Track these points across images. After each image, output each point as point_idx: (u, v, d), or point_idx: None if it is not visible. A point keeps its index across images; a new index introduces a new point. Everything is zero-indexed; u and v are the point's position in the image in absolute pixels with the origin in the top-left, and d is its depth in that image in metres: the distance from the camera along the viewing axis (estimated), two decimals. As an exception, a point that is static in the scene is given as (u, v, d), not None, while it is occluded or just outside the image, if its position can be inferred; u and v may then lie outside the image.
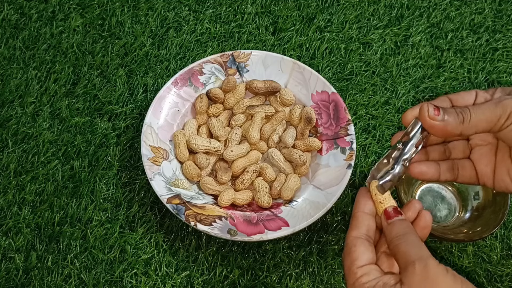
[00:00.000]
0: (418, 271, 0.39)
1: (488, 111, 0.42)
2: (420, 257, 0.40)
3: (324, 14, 0.84)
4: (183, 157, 0.69)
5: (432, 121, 0.43)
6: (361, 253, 0.43)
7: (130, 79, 0.77)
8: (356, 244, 0.43)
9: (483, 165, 0.47)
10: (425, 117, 0.43)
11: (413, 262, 0.40)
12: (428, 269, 0.39)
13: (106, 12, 0.82)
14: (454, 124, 0.43)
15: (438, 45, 0.82)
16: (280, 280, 0.65)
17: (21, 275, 0.63)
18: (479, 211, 0.66)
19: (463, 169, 0.48)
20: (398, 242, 0.42)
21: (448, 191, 0.70)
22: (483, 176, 0.47)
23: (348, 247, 0.43)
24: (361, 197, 0.46)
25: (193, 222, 0.63)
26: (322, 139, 0.71)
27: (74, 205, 0.67)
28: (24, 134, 0.72)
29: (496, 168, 0.46)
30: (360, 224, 0.44)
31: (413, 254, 0.40)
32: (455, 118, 0.43)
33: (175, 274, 0.64)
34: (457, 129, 0.43)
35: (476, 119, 0.43)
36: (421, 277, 0.39)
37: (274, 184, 0.68)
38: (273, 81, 0.73)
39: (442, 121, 0.43)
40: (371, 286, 0.40)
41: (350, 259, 0.43)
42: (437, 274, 0.39)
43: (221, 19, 0.83)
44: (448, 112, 0.43)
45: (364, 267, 0.42)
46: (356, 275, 0.42)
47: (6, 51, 0.78)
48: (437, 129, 0.43)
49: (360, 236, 0.44)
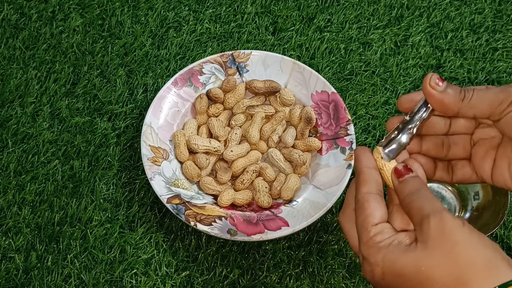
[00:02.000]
0: (433, 225, 0.37)
1: (491, 94, 0.41)
2: (434, 210, 0.38)
3: (324, 14, 0.84)
4: (183, 157, 0.69)
5: (431, 90, 0.42)
6: (374, 209, 0.41)
7: (130, 79, 0.77)
8: (369, 199, 0.41)
9: (479, 157, 0.45)
10: (426, 84, 0.42)
11: (428, 216, 0.38)
12: (443, 223, 0.37)
13: (106, 12, 0.82)
14: (453, 99, 0.41)
15: (438, 45, 0.82)
16: (280, 280, 0.65)
17: (21, 275, 0.63)
18: (479, 211, 0.66)
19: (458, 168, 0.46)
20: (412, 199, 0.40)
21: (448, 191, 0.70)
22: (481, 171, 0.45)
23: (360, 203, 0.41)
24: (361, 153, 0.44)
25: (193, 222, 0.63)
26: (322, 139, 0.71)
27: (74, 205, 0.67)
28: (24, 134, 0.72)
29: (496, 162, 0.44)
30: (369, 179, 0.42)
31: (427, 208, 0.39)
32: (455, 93, 0.41)
33: (175, 274, 0.64)
34: (455, 105, 0.42)
35: (478, 99, 0.41)
36: (437, 231, 0.37)
37: (274, 184, 0.68)
38: (273, 81, 0.73)
39: (442, 92, 0.41)
40: (385, 245, 0.39)
41: (364, 216, 0.41)
42: (453, 227, 0.37)
43: (221, 19, 0.83)
44: (451, 87, 0.42)
45: (378, 226, 0.40)
46: (370, 234, 0.40)
47: (6, 51, 0.78)
48: (435, 99, 0.42)
49: (372, 192, 0.42)
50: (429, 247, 0.37)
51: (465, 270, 0.36)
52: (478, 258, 0.36)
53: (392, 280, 0.39)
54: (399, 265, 0.38)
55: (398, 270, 0.38)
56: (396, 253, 0.39)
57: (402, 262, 0.38)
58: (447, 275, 0.36)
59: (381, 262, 0.39)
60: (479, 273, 0.36)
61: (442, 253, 0.37)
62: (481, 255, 0.37)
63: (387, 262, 0.39)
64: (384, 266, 0.39)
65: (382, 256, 0.39)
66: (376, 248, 0.39)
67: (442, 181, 0.60)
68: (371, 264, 0.40)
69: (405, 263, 0.38)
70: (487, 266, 0.36)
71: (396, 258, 0.39)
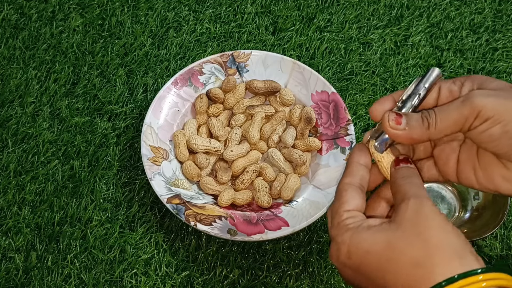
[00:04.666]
0: (411, 207, 0.38)
1: (454, 113, 0.40)
2: (417, 195, 0.39)
3: (324, 14, 0.84)
4: (183, 157, 0.69)
5: (395, 131, 0.41)
6: (351, 198, 0.41)
7: (130, 79, 0.77)
8: (348, 189, 0.42)
9: (443, 161, 0.44)
10: (387, 127, 0.41)
11: (409, 198, 0.39)
12: (421, 207, 0.38)
13: (106, 12, 0.82)
14: (420, 131, 0.41)
15: (438, 45, 0.82)
16: (280, 280, 0.65)
17: (21, 275, 0.63)
18: (479, 211, 0.67)
19: (421, 171, 0.45)
20: (402, 182, 0.41)
21: (448, 191, 0.70)
22: (445, 173, 0.45)
23: (339, 192, 0.42)
24: (357, 149, 0.44)
25: (193, 222, 0.63)
26: (322, 139, 0.71)
27: (74, 205, 0.67)
28: (24, 134, 0.72)
29: (460, 165, 0.44)
30: (354, 173, 0.43)
31: (411, 192, 0.39)
32: (420, 125, 0.41)
33: (175, 274, 0.64)
34: (424, 135, 0.41)
35: (443, 123, 0.40)
36: (413, 213, 0.38)
37: (274, 184, 0.68)
38: (273, 81, 0.73)
39: (406, 130, 0.41)
40: (354, 226, 0.40)
41: (339, 202, 0.41)
42: (430, 213, 0.38)
43: (221, 19, 0.83)
44: (412, 118, 0.41)
45: (351, 211, 0.41)
46: (342, 217, 0.41)
47: (6, 51, 0.78)
48: (402, 138, 0.41)
49: (353, 183, 0.42)
50: (402, 227, 0.38)
51: (433, 252, 0.37)
52: (447, 245, 0.37)
53: (358, 258, 0.39)
54: (367, 243, 0.39)
55: (366, 247, 0.39)
56: (364, 233, 0.39)
57: (370, 240, 0.39)
58: (415, 254, 0.37)
59: (347, 241, 0.39)
60: (446, 258, 0.36)
61: (414, 233, 0.37)
62: (451, 243, 0.37)
63: (354, 240, 0.39)
64: (351, 244, 0.39)
65: (350, 235, 0.39)
66: (345, 229, 0.40)
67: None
68: (337, 243, 0.40)
69: (374, 241, 0.38)
70: (455, 254, 0.36)
71: (364, 237, 0.39)
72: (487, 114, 0.39)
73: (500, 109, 0.39)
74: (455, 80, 0.43)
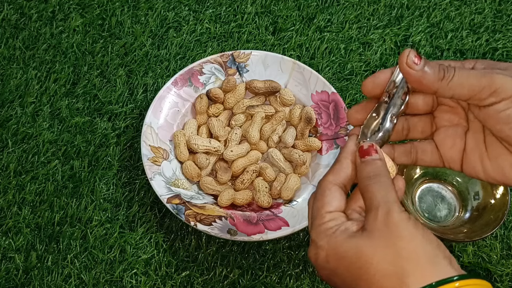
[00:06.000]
0: (380, 217, 0.38)
1: (473, 78, 0.39)
2: (385, 201, 0.39)
3: (324, 14, 0.84)
4: (183, 157, 0.69)
5: (409, 69, 0.40)
6: (333, 199, 0.41)
7: (130, 79, 0.77)
8: (331, 189, 0.42)
9: (447, 147, 0.43)
10: (403, 62, 0.40)
11: (377, 208, 0.39)
12: (390, 216, 0.38)
13: (106, 12, 0.82)
14: (432, 79, 0.40)
15: (438, 45, 0.82)
16: (280, 280, 0.65)
17: (21, 275, 0.63)
18: (479, 211, 0.66)
19: (423, 153, 0.44)
20: (368, 183, 0.40)
21: (448, 191, 0.70)
22: (449, 160, 0.44)
23: (322, 190, 0.42)
24: (349, 144, 0.44)
25: (193, 222, 0.63)
26: (322, 139, 0.71)
27: (74, 205, 0.67)
28: (24, 134, 0.72)
29: (467, 153, 0.43)
30: (341, 171, 0.43)
31: (379, 197, 0.39)
32: (434, 72, 0.39)
33: (175, 274, 0.64)
34: (434, 85, 0.40)
35: (458, 81, 0.39)
36: (382, 223, 0.38)
37: (274, 184, 0.68)
38: (273, 81, 0.73)
39: (420, 71, 0.40)
40: (333, 230, 0.40)
41: (322, 202, 0.42)
42: (399, 221, 0.38)
43: (221, 19, 0.83)
44: (430, 65, 0.40)
45: (333, 213, 0.41)
46: (324, 219, 0.41)
47: (6, 51, 0.78)
48: (412, 78, 0.40)
49: (336, 183, 0.42)
50: (373, 236, 0.38)
51: (406, 262, 0.36)
52: (420, 253, 0.37)
53: (335, 263, 0.39)
54: (342, 249, 0.39)
55: (341, 253, 0.39)
56: (340, 238, 0.39)
57: (345, 246, 0.39)
58: (387, 264, 0.37)
59: (326, 246, 0.40)
60: (419, 267, 0.36)
61: (386, 244, 0.37)
62: (424, 251, 0.37)
63: (331, 245, 0.39)
64: (329, 249, 0.40)
65: (327, 240, 0.40)
66: (324, 234, 0.40)
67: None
68: (317, 247, 0.40)
69: (348, 247, 0.39)
70: (428, 262, 0.36)
71: (340, 243, 0.39)
72: (505, 93, 0.38)
73: None
74: (464, 62, 0.42)
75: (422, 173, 0.70)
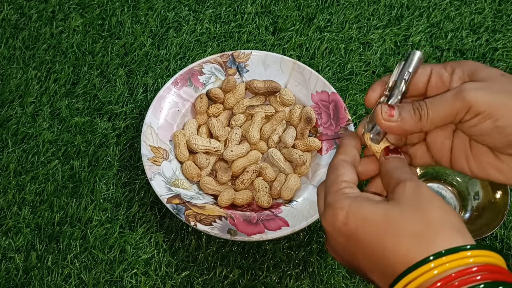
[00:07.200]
0: (408, 188, 0.39)
1: (446, 106, 0.40)
2: (412, 178, 0.40)
3: (324, 14, 0.84)
4: (183, 157, 0.69)
5: (388, 123, 0.42)
6: (347, 171, 0.42)
7: (130, 79, 0.77)
8: (344, 165, 0.43)
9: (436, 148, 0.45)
10: (380, 119, 0.42)
11: (405, 181, 0.39)
12: (419, 187, 0.39)
13: (106, 12, 0.82)
14: (412, 123, 0.41)
15: (438, 45, 0.82)
16: (280, 280, 0.65)
17: (21, 275, 0.63)
18: (479, 211, 0.66)
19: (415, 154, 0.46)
20: (393, 171, 0.41)
21: (448, 191, 0.70)
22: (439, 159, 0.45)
23: (334, 166, 0.43)
24: (350, 132, 0.46)
25: (193, 222, 0.63)
26: (322, 139, 0.71)
27: (74, 205, 0.67)
28: (24, 134, 0.72)
29: (454, 153, 0.44)
30: (348, 151, 0.44)
31: (405, 176, 0.40)
32: (411, 116, 0.41)
33: (175, 274, 0.64)
34: (416, 127, 0.41)
35: (434, 115, 0.41)
36: (411, 192, 0.38)
37: (274, 184, 0.68)
38: (273, 81, 0.73)
39: (398, 122, 0.41)
40: (354, 196, 0.40)
41: (336, 174, 0.42)
42: (427, 192, 0.38)
43: (221, 19, 0.83)
44: (404, 110, 0.42)
45: (349, 182, 0.41)
46: (340, 186, 0.41)
47: (6, 51, 0.78)
48: (395, 130, 0.42)
49: (347, 160, 0.43)
50: (401, 203, 0.38)
51: (433, 225, 0.37)
52: (447, 220, 0.37)
53: (355, 224, 0.38)
54: (366, 211, 0.38)
55: (364, 214, 0.38)
56: (364, 202, 0.39)
57: (370, 209, 0.38)
58: (416, 225, 0.37)
59: (346, 207, 0.39)
60: (445, 231, 0.37)
61: (415, 209, 0.38)
62: (450, 219, 0.37)
63: (353, 207, 0.39)
64: (350, 210, 0.39)
65: (349, 202, 0.39)
66: (344, 196, 0.40)
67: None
68: (335, 209, 0.39)
69: (373, 210, 0.38)
70: (453, 228, 0.37)
71: (365, 206, 0.39)
72: (478, 109, 0.39)
73: (492, 104, 0.39)
74: (445, 65, 0.43)
75: (422, 173, 0.70)
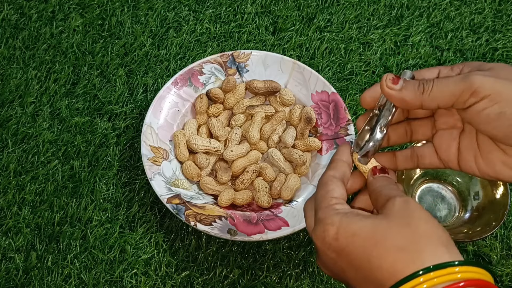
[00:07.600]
0: (397, 204, 0.39)
1: (452, 84, 0.40)
2: (401, 195, 0.40)
3: (324, 14, 0.84)
4: (183, 157, 0.69)
5: (389, 90, 0.42)
6: (336, 187, 0.43)
7: (130, 79, 0.77)
8: (333, 180, 0.43)
9: (443, 149, 0.45)
10: (384, 86, 0.42)
11: (394, 197, 0.40)
12: (407, 203, 0.39)
13: (106, 12, 0.82)
14: (413, 95, 0.42)
15: (438, 45, 0.82)
16: (280, 280, 0.65)
17: (21, 275, 0.63)
18: (479, 211, 0.66)
19: (422, 158, 0.46)
20: (381, 189, 0.42)
21: (448, 191, 0.70)
22: (446, 161, 0.45)
23: (324, 181, 0.43)
24: (343, 147, 0.46)
25: (193, 222, 0.63)
26: (322, 139, 0.71)
27: (74, 205, 0.67)
28: (24, 134, 0.72)
29: (461, 153, 0.44)
30: (338, 168, 0.45)
31: (394, 193, 0.41)
32: (414, 88, 0.42)
33: (175, 274, 0.64)
34: (417, 100, 0.42)
35: (438, 91, 0.41)
36: (400, 208, 0.39)
37: (274, 184, 0.68)
38: (273, 81, 0.73)
39: (400, 90, 0.42)
40: (344, 211, 0.40)
41: (326, 189, 0.43)
42: (416, 207, 0.39)
43: (221, 19, 0.83)
44: (408, 82, 0.42)
45: (339, 199, 0.42)
46: (331, 202, 0.41)
47: (6, 51, 0.78)
48: (395, 98, 0.42)
49: (336, 176, 0.44)
50: (390, 217, 0.39)
51: (421, 239, 0.37)
52: (434, 235, 0.38)
53: (345, 240, 0.39)
54: (356, 226, 0.39)
55: (354, 229, 0.39)
56: (354, 217, 0.40)
57: (359, 224, 0.39)
58: (403, 239, 0.37)
59: (337, 223, 0.40)
60: (433, 245, 0.37)
61: (403, 223, 0.38)
62: (438, 234, 0.38)
63: (343, 222, 0.39)
64: (340, 226, 0.39)
65: (340, 218, 0.40)
66: (335, 212, 0.40)
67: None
68: (325, 225, 0.40)
69: (362, 225, 0.39)
70: (441, 244, 0.37)
71: (354, 220, 0.39)
72: (484, 92, 0.39)
73: (498, 89, 0.39)
74: (452, 67, 0.44)
75: (422, 173, 0.70)
